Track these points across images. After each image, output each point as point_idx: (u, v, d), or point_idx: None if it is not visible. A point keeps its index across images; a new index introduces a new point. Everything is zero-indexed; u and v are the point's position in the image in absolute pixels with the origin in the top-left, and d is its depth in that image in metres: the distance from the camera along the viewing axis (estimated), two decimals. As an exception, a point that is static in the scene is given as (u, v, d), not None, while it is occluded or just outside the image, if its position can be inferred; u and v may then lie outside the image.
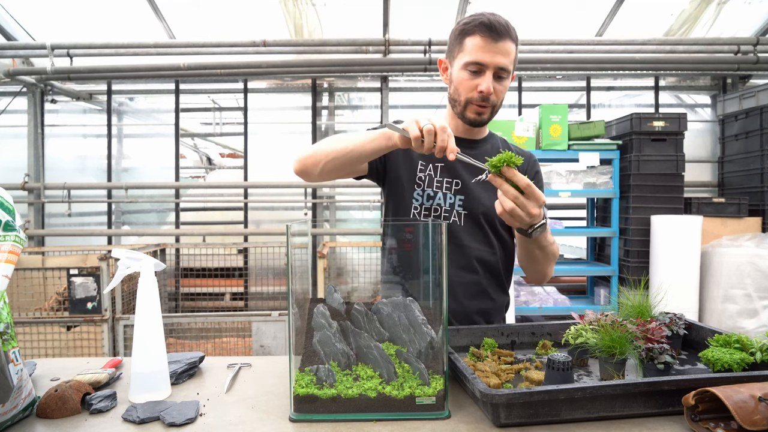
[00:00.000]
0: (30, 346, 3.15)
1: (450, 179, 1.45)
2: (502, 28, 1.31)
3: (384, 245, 1.46)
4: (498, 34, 1.31)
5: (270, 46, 3.84)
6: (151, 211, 4.64)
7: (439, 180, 1.46)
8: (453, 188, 1.45)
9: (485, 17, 1.32)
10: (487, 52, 1.32)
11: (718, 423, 0.87)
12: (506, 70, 1.34)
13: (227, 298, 4.10)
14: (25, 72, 3.97)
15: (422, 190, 1.45)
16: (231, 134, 4.73)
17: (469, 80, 1.36)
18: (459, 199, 1.45)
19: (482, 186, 1.46)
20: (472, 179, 1.46)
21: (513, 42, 1.34)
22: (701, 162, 4.34)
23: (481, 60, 1.32)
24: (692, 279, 3.33)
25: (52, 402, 0.98)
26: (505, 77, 1.36)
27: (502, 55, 1.32)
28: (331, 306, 1.09)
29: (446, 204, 1.45)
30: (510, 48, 1.33)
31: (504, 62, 1.33)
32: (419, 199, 1.45)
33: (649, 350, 1.06)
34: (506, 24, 1.33)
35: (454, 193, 1.45)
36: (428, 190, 1.45)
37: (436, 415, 0.96)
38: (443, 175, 1.46)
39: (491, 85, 1.34)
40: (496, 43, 1.31)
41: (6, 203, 0.99)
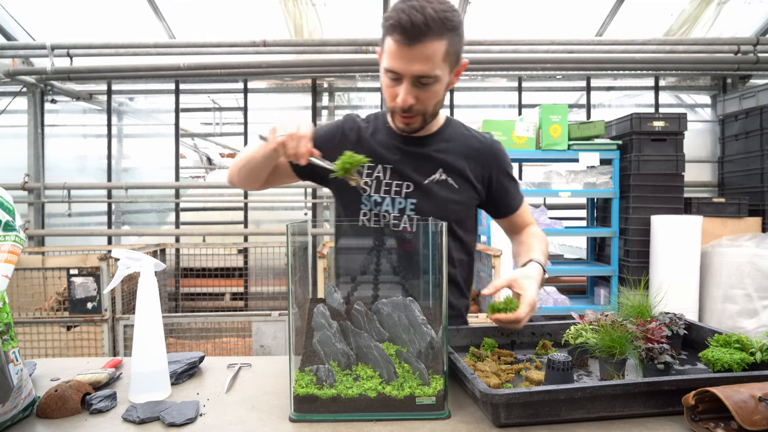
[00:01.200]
0: (30, 346, 3.15)
1: (400, 181, 1.33)
2: (418, 29, 1.09)
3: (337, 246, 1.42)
4: (412, 37, 1.10)
5: (270, 46, 3.84)
6: (151, 211, 4.64)
7: (388, 183, 1.33)
8: (404, 191, 1.33)
9: (402, 14, 1.10)
10: (401, 59, 1.13)
11: (718, 423, 0.87)
12: (428, 76, 1.15)
13: (227, 298, 4.10)
14: (25, 72, 3.97)
15: (368, 196, 1.33)
16: (231, 134, 4.73)
17: (390, 88, 1.20)
18: (411, 203, 1.32)
19: (438, 186, 1.33)
20: (425, 180, 1.33)
21: (440, 39, 1.12)
22: (701, 162, 4.34)
23: (395, 68, 1.15)
24: (692, 279, 3.33)
25: (52, 402, 0.98)
26: (430, 83, 1.17)
27: (419, 62, 1.13)
28: (331, 306, 1.09)
29: (395, 210, 1.32)
30: (432, 50, 1.12)
31: (421, 70, 1.14)
32: (367, 204, 1.33)
33: (649, 350, 1.06)
34: (428, 19, 1.10)
35: (405, 196, 1.32)
36: (375, 195, 1.33)
37: (436, 415, 0.96)
38: (393, 177, 1.33)
39: (408, 97, 1.18)
40: (411, 48, 1.11)
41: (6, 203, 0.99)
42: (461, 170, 1.35)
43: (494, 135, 3.63)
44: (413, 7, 1.10)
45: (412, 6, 1.11)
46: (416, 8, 1.10)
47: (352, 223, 1.37)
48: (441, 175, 1.34)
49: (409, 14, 1.09)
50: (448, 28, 1.13)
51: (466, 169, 1.36)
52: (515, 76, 4.35)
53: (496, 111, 4.46)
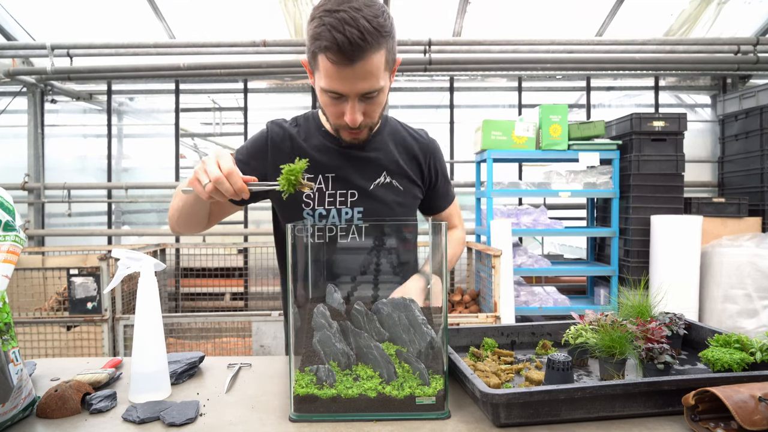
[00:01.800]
0: (30, 346, 3.15)
1: (345, 190, 1.26)
2: (357, 47, 1.01)
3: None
4: (352, 56, 1.01)
5: (270, 46, 3.84)
6: (151, 211, 4.64)
7: (332, 193, 1.26)
8: (349, 200, 1.26)
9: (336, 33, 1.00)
10: (343, 80, 1.06)
11: (718, 423, 0.87)
12: (373, 91, 1.09)
13: (227, 298, 4.10)
14: (25, 72, 3.97)
15: (312, 209, 1.26)
16: (231, 134, 4.73)
17: (333, 106, 1.13)
18: (358, 211, 1.26)
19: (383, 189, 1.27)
20: (370, 185, 1.27)
21: (379, 49, 1.05)
22: (701, 162, 4.34)
23: (338, 90, 1.08)
24: (692, 279, 3.33)
25: (52, 402, 0.98)
26: (375, 95, 1.11)
27: (362, 80, 1.06)
28: (331, 306, 1.09)
29: (342, 221, 1.25)
30: (374, 65, 1.05)
31: (367, 86, 1.07)
32: (309, 218, 1.26)
33: (649, 350, 1.06)
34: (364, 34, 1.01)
35: (351, 205, 1.26)
36: (319, 208, 1.25)
37: (436, 415, 0.96)
38: (336, 186, 1.25)
39: (357, 115, 1.11)
40: (353, 67, 1.03)
41: (6, 203, 0.99)
42: (404, 171, 1.32)
43: (494, 135, 3.64)
44: (345, 22, 1.00)
45: (343, 20, 1.00)
46: (348, 22, 1.00)
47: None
48: (385, 178, 1.29)
49: (344, 31, 1.00)
50: (383, 35, 1.05)
51: (407, 169, 1.32)
52: (515, 76, 4.35)
53: (496, 111, 4.46)
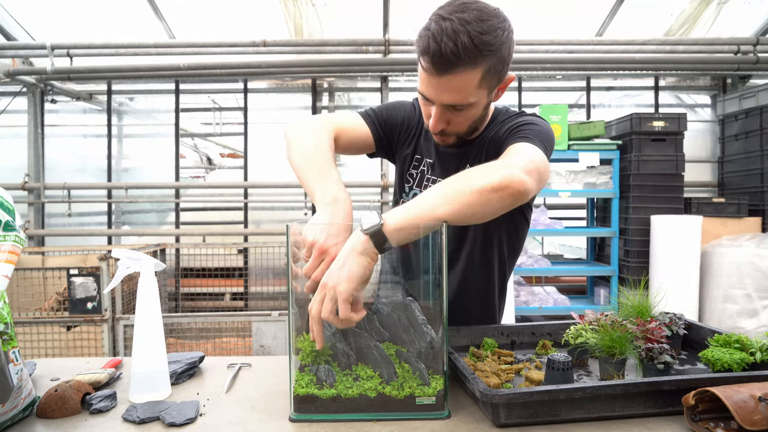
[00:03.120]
0: (30, 346, 3.15)
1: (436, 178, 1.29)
2: (447, 60, 0.99)
3: None
4: (441, 68, 1.01)
5: (270, 46, 3.84)
6: (151, 211, 4.64)
7: (428, 178, 1.30)
8: None
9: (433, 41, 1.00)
10: (431, 87, 1.07)
11: (718, 423, 0.87)
12: (460, 105, 1.08)
13: (227, 298, 4.10)
14: (25, 72, 3.97)
15: (410, 188, 1.32)
16: (231, 134, 4.73)
17: (424, 107, 1.16)
18: None
19: None
20: None
21: (474, 67, 1.02)
22: (701, 162, 4.34)
23: (426, 94, 1.09)
24: (692, 279, 3.33)
25: (52, 402, 0.98)
26: (462, 109, 1.10)
27: (448, 93, 1.05)
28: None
29: None
30: (463, 81, 1.03)
31: (451, 99, 1.06)
32: (406, 198, 1.32)
33: (649, 350, 1.06)
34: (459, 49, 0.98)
35: None
36: (416, 189, 1.31)
37: (436, 415, 0.96)
38: (434, 173, 1.30)
39: (439, 123, 1.12)
40: (440, 78, 1.03)
41: (6, 203, 1.00)
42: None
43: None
44: (446, 33, 0.99)
45: (445, 31, 0.99)
46: (449, 34, 0.98)
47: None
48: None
49: (440, 42, 0.99)
50: (484, 54, 1.01)
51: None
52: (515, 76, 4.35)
53: (496, 111, 4.46)
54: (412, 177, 1.30)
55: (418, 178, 1.30)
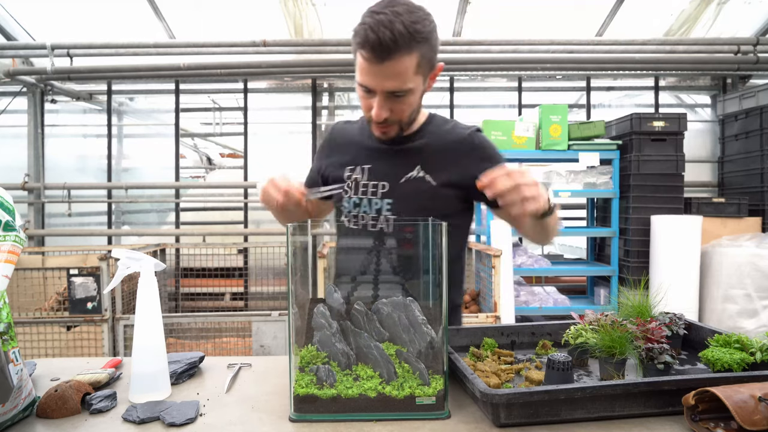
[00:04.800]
0: (30, 346, 3.14)
1: (376, 182, 1.32)
2: (386, 47, 1.07)
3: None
4: (381, 55, 1.09)
5: (270, 46, 3.84)
6: (151, 211, 4.64)
7: (365, 184, 1.33)
8: (380, 191, 1.32)
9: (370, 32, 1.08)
10: (372, 75, 1.13)
11: (718, 423, 0.87)
12: (400, 91, 1.15)
13: (227, 298, 4.10)
14: (25, 72, 3.97)
15: (348, 198, 1.35)
16: (231, 134, 4.73)
17: (364, 99, 1.21)
18: (387, 203, 1.31)
19: (414, 183, 1.30)
20: (401, 178, 1.31)
21: (410, 53, 1.11)
22: (701, 162, 4.34)
23: (367, 84, 1.15)
24: (692, 279, 3.33)
25: (52, 402, 0.98)
26: (402, 95, 1.17)
27: (390, 79, 1.12)
28: (331, 306, 1.09)
29: (372, 210, 1.32)
30: (402, 66, 1.11)
31: (393, 86, 1.14)
32: (347, 206, 1.35)
33: (649, 350, 1.06)
34: (396, 36, 1.07)
35: (381, 197, 1.31)
36: (354, 197, 1.34)
37: (436, 415, 0.96)
38: (370, 178, 1.33)
39: (382, 111, 1.18)
40: (381, 64, 1.10)
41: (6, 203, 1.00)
42: (440, 165, 1.32)
43: (494, 135, 3.64)
44: (381, 23, 1.08)
45: (380, 22, 1.08)
46: (384, 24, 1.08)
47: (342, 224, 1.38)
48: (418, 172, 1.31)
49: (377, 31, 1.07)
50: (417, 40, 1.11)
51: (445, 163, 1.32)
52: (515, 76, 4.35)
53: (496, 111, 4.46)
54: (348, 187, 1.35)
55: (354, 187, 1.34)
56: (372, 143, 1.36)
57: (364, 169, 1.34)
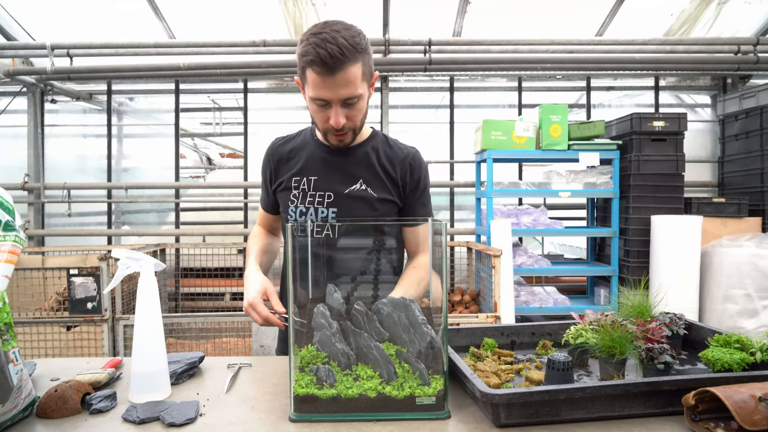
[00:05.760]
0: (30, 346, 3.14)
1: (322, 192, 1.45)
2: (336, 59, 1.21)
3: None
4: (332, 67, 1.22)
5: (270, 46, 3.84)
6: (151, 211, 4.64)
7: (312, 194, 1.45)
8: (326, 201, 1.44)
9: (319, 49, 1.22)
10: (327, 88, 1.26)
11: (718, 423, 0.87)
12: (353, 97, 1.29)
13: (227, 298, 4.10)
14: (25, 72, 3.97)
15: (295, 207, 1.46)
16: (231, 134, 4.74)
17: (320, 113, 1.33)
18: (332, 211, 1.44)
19: (357, 195, 1.44)
20: (345, 189, 1.44)
21: (355, 62, 1.25)
22: (701, 162, 4.34)
23: (323, 96, 1.28)
24: (692, 279, 3.33)
25: (52, 402, 0.98)
26: (355, 102, 1.30)
27: (343, 87, 1.26)
28: (331, 306, 1.09)
29: (318, 218, 1.44)
30: (352, 75, 1.25)
31: (347, 93, 1.27)
32: (293, 215, 1.46)
33: (649, 350, 1.06)
34: (342, 49, 1.22)
35: (327, 206, 1.44)
36: (300, 206, 1.45)
37: (436, 415, 0.96)
38: (316, 188, 1.46)
39: (341, 118, 1.30)
40: (333, 77, 1.24)
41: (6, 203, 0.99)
42: (380, 180, 1.45)
43: (494, 135, 3.64)
44: (326, 40, 1.22)
45: (325, 39, 1.22)
46: (329, 40, 1.22)
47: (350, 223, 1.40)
48: (361, 185, 1.44)
49: (325, 47, 1.21)
50: (359, 51, 1.26)
51: (384, 179, 1.46)
52: (515, 76, 4.35)
53: (496, 111, 4.46)
54: (295, 197, 1.46)
55: (300, 196, 1.46)
56: (317, 156, 1.47)
57: (311, 180, 1.46)
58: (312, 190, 1.46)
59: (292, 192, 1.46)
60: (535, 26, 4.12)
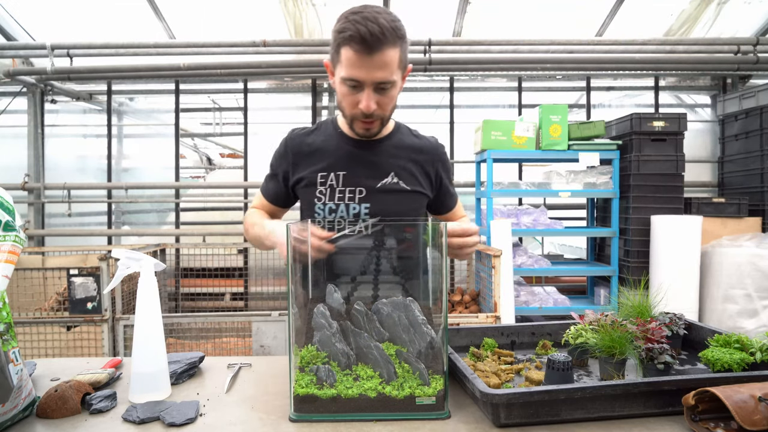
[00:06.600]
0: (30, 346, 3.14)
1: (353, 188, 1.38)
2: (376, 38, 1.16)
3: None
4: (371, 46, 1.17)
5: (270, 46, 3.84)
6: (151, 211, 4.64)
7: (341, 190, 1.39)
8: (357, 197, 1.38)
9: (359, 25, 1.17)
10: (362, 68, 1.20)
11: (718, 423, 0.87)
12: (387, 82, 1.23)
13: (227, 298, 4.10)
14: (25, 72, 3.97)
15: (323, 204, 1.39)
16: (231, 134, 4.73)
17: (350, 96, 1.26)
18: (365, 207, 1.38)
19: (390, 189, 1.40)
20: (376, 184, 1.39)
21: (395, 47, 1.21)
22: (701, 162, 4.34)
23: (357, 77, 1.21)
24: (692, 279, 3.33)
25: (52, 402, 0.98)
26: (388, 88, 1.25)
27: (379, 69, 1.20)
28: (331, 306, 1.09)
29: (350, 215, 1.38)
30: (389, 57, 1.20)
31: (382, 76, 1.21)
32: (321, 212, 1.40)
33: (649, 350, 1.06)
34: (383, 29, 1.17)
35: (359, 201, 1.38)
36: (330, 203, 1.39)
37: (436, 415, 0.96)
38: (345, 184, 1.39)
39: (372, 103, 1.24)
40: (371, 57, 1.18)
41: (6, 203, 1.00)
42: (411, 173, 1.42)
43: (494, 135, 3.64)
44: (367, 18, 1.18)
45: (366, 17, 1.18)
46: (370, 19, 1.18)
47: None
48: (392, 178, 1.40)
49: (366, 25, 1.16)
50: (399, 36, 1.21)
51: (415, 171, 1.42)
52: (515, 76, 4.35)
53: (496, 111, 4.46)
54: (322, 194, 1.39)
55: (328, 193, 1.39)
56: (343, 150, 1.41)
57: (339, 176, 1.39)
58: (341, 185, 1.38)
59: (317, 188, 1.39)
60: (535, 26, 4.12)
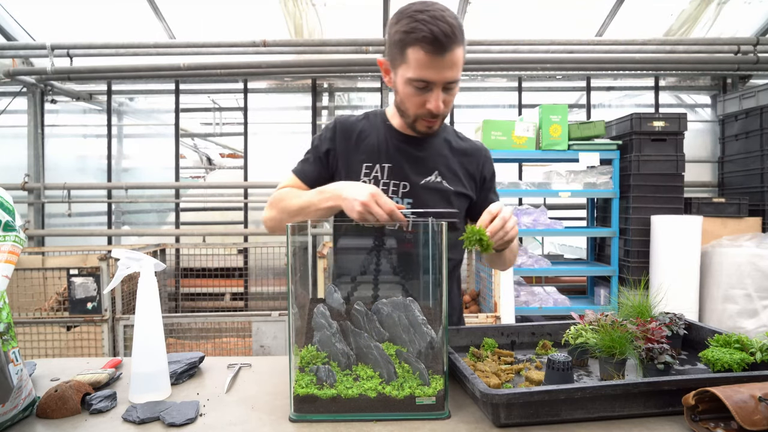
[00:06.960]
0: (30, 346, 3.14)
1: (397, 182, 1.37)
2: (447, 39, 1.15)
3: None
4: (444, 46, 1.16)
5: (270, 46, 3.84)
6: (151, 211, 4.64)
7: (386, 182, 1.37)
8: (401, 191, 1.37)
9: (428, 27, 1.15)
10: (433, 69, 1.19)
11: (718, 423, 0.87)
12: (455, 81, 1.23)
13: (227, 298, 4.10)
14: (25, 72, 3.97)
15: None
16: (231, 134, 4.73)
17: (417, 96, 1.25)
18: (407, 202, 1.36)
19: (433, 187, 1.39)
20: (420, 180, 1.38)
21: (461, 45, 1.20)
22: (701, 162, 4.34)
23: (427, 77, 1.20)
24: (692, 279, 3.33)
25: (52, 402, 0.98)
26: (453, 87, 1.25)
27: (449, 69, 1.20)
28: (331, 306, 1.09)
29: None
30: (458, 57, 1.20)
31: (452, 76, 1.21)
32: None
33: (649, 350, 1.06)
34: (452, 30, 1.17)
35: (402, 196, 1.37)
36: None
37: (436, 415, 0.96)
38: (390, 177, 1.37)
39: (440, 103, 1.24)
40: (442, 57, 1.17)
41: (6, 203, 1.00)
42: (455, 173, 1.41)
43: (494, 135, 3.64)
44: (436, 18, 1.16)
45: (435, 17, 1.16)
46: (439, 18, 1.16)
47: (350, 223, 1.36)
48: (436, 177, 1.39)
49: (437, 25, 1.15)
50: (462, 34, 1.20)
51: (459, 172, 1.41)
52: (515, 76, 4.35)
53: (496, 111, 4.46)
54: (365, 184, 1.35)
55: (371, 184, 1.35)
56: (391, 143, 1.39)
57: (384, 168, 1.38)
58: (386, 178, 1.36)
59: (361, 178, 1.36)
60: (535, 26, 4.12)
